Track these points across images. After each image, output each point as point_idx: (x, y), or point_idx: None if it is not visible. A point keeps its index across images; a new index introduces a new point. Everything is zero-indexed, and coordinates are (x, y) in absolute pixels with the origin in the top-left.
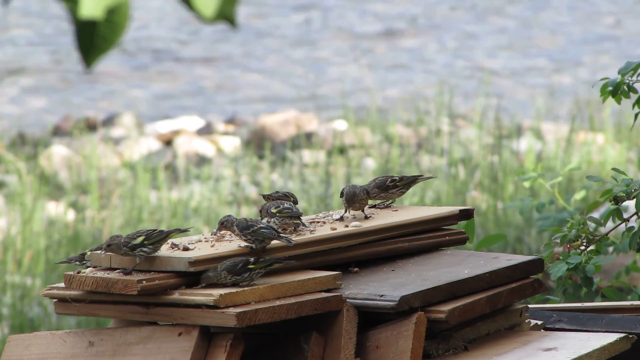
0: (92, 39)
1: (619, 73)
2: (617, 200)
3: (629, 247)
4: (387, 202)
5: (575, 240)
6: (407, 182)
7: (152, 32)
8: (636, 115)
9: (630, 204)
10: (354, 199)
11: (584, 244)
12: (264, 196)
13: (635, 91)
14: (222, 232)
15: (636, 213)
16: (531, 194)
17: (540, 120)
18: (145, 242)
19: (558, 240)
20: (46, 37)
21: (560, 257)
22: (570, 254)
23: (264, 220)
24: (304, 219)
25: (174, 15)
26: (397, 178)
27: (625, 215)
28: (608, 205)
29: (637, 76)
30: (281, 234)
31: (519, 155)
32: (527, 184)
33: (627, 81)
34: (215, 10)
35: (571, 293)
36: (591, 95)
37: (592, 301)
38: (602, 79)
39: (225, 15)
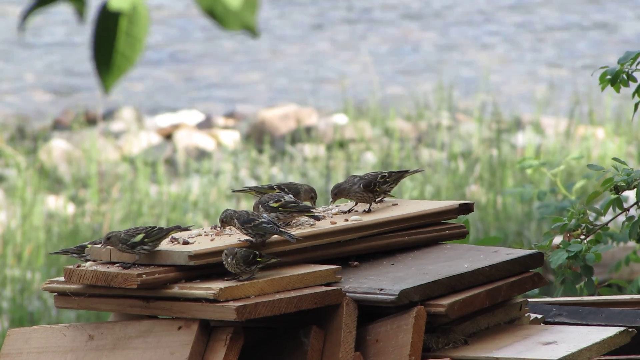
0: (111, 57)
1: (618, 63)
2: (617, 189)
3: (629, 237)
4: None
5: (575, 229)
6: (395, 178)
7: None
8: (636, 105)
9: (631, 193)
10: (336, 191)
11: (584, 233)
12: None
13: (634, 79)
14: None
15: (636, 203)
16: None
17: (540, 114)
18: (145, 240)
19: (558, 230)
20: (46, 33)
21: (561, 246)
22: (571, 242)
23: (265, 215)
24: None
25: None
26: (386, 174)
27: (625, 205)
28: (608, 196)
29: (637, 65)
30: (282, 230)
31: (517, 150)
32: (529, 172)
33: (627, 70)
34: (238, 22)
35: (570, 282)
36: (591, 89)
37: (591, 295)
38: (601, 67)
39: (246, 24)
